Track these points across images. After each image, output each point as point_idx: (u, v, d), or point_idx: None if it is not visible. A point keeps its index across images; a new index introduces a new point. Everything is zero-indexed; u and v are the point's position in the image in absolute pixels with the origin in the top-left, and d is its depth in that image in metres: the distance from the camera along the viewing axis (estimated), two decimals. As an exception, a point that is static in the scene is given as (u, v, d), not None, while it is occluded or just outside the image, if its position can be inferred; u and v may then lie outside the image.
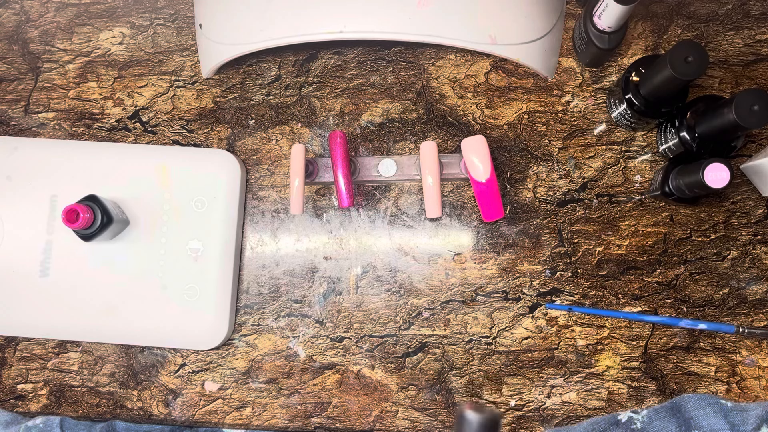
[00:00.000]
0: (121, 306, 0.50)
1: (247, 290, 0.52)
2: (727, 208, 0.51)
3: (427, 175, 0.46)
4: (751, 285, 0.50)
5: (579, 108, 0.52)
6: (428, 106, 0.53)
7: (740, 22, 0.53)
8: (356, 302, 0.51)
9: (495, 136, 0.52)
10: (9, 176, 0.51)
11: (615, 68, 0.53)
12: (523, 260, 0.51)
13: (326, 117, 0.53)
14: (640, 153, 0.52)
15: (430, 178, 0.46)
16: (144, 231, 0.50)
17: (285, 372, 0.51)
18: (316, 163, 0.49)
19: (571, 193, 0.52)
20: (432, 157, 0.46)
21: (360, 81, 0.53)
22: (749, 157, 0.51)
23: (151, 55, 0.55)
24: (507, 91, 0.53)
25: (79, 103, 0.54)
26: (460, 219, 0.52)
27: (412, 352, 0.51)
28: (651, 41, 0.53)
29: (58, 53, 0.55)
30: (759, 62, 0.52)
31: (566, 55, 0.53)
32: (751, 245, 0.51)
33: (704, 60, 0.41)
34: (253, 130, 0.53)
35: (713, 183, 0.42)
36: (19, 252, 0.50)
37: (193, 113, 0.54)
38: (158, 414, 0.51)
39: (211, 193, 0.50)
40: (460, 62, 0.53)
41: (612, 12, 0.44)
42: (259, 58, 0.54)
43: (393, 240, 0.52)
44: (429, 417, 0.50)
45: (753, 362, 0.50)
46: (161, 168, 0.51)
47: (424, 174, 0.46)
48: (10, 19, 0.56)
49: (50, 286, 0.50)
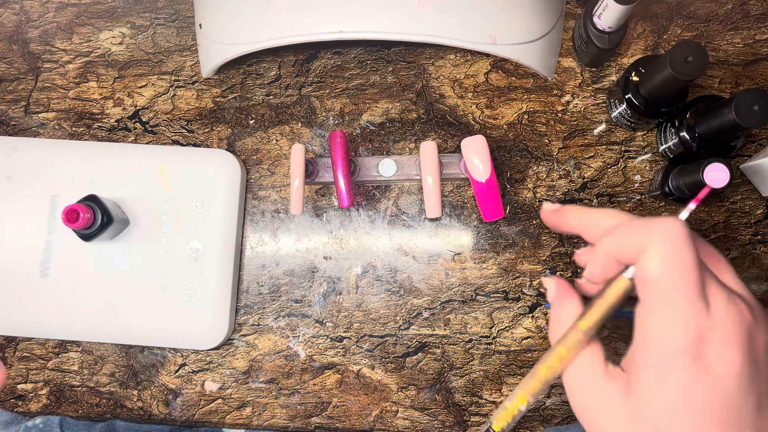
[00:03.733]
0: (121, 306, 0.50)
1: (247, 290, 0.52)
2: (727, 208, 0.51)
3: (427, 175, 0.46)
4: (751, 285, 0.50)
5: (579, 108, 0.52)
6: (428, 106, 0.53)
7: (740, 22, 0.53)
8: (356, 302, 0.51)
9: (495, 136, 0.52)
10: (9, 176, 0.51)
11: (615, 68, 0.53)
12: (523, 260, 0.51)
13: (326, 117, 0.53)
14: (640, 153, 0.52)
15: (430, 178, 0.46)
16: (144, 231, 0.50)
17: (285, 372, 0.51)
18: (316, 163, 0.49)
19: (571, 193, 0.52)
20: (432, 157, 0.46)
21: (360, 81, 0.53)
22: (749, 157, 0.51)
23: (151, 55, 0.55)
24: (507, 91, 0.53)
25: (79, 103, 0.54)
26: (460, 219, 0.52)
27: (412, 352, 0.51)
28: (651, 41, 0.53)
29: (58, 53, 0.55)
30: (759, 62, 0.52)
31: (566, 55, 0.53)
32: (751, 245, 0.51)
33: (704, 60, 0.41)
34: (253, 130, 0.53)
35: (713, 183, 0.42)
36: (19, 252, 0.50)
37: (193, 113, 0.54)
38: (158, 414, 0.51)
39: (212, 193, 0.50)
40: (460, 62, 0.53)
41: (612, 12, 0.44)
42: (259, 58, 0.54)
43: (393, 240, 0.52)
44: (429, 417, 0.50)
45: (753, 362, 0.50)
46: (161, 168, 0.51)
47: (424, 174, 0.46)
48: (10, 19, 0.56)
49: (50, 286, 0.50)
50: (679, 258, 0.30)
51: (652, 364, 0.31)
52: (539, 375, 0.36)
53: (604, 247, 0.33)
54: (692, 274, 0.30)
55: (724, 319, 0.30)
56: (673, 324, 0.30)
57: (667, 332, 0.30)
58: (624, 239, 0.32)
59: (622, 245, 0.32)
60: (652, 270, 0.30)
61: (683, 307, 0.30)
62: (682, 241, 0.30)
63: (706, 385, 0.30)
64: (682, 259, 0.30)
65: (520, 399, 0.37)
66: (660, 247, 0.30)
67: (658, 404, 0.31)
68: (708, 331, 0.30)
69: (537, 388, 0.37)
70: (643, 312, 0.31)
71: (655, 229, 0.31)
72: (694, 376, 0.30)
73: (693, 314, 0.30)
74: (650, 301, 0.31)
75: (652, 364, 0.31)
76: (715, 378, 0.30)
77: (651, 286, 0.30)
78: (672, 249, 0.30)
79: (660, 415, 0.31)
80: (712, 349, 0.30)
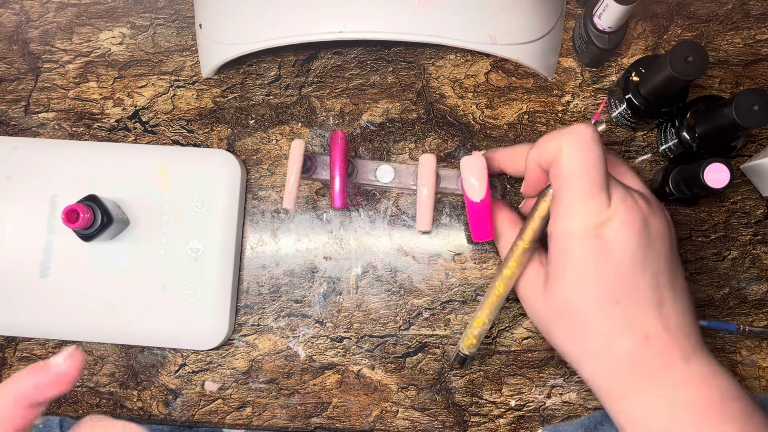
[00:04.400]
0: (121, 306, 0.50)
1: (247, 290, 0.52)
2: (727, 209, 0.51)
3: (423, 186, 0.46)
4: (751, 285, 0.50)
5: (579, 108, 0.52)
6: (428, 106, 0.53)
7: (740, 22, 0.53)
8: (356, 302, 0.51)
9: (495, 136, 0.52)
10: (9, 176, 0.51)
11: (615, 68, 0.53)
12: (523, 260, 0.51)
13: (326, 117, 0.53)
14: (640, 153, 0.52)
15: (426, 190, 0.46)
16: (144, 231, 0.50)
17: (285, 372, 0.51)
18: (315, 159, 0.48)
19: (571, 193, 0.52)
20: (430, 170, 0.46)
21: (360, 81, 0.53)
22: (749, 157, 0.51)
23: (151, 55, 0.55)
24: (507, 91, 0.53)
25: (79, 103, 0.54)
26: (460, 219, 0.52)
27: (412, 352, 0.51)
28: (651, 41, 0.53)
29: (58, 53, 0.55)
30: (759, 62, 0.52)
31: (566, 55, 0.53)
32: (751, 245, 0.51)
33: (704, 60, 0.41)
34: (253, 130, 0.53)
35: (713, 183, 0.42)
36: (19, 252, 0.50)
37: (193, 113, 0.54)
38: (158, 414, 0.51)
39: (212, 193, 0.50)
40: (460, 62, 0.53)
41: (612, 12, 0.44)
42: (259, 58, 0.54)
43: (393, 240, 0.52)
44: (429, 417, 0.50)
45: (753, 362, 0.50)
46: (161, 168, 0.51)
47: (420, 186, 0.46)
48: (10, 19, 0.56)
49: (50, 287, 0.50)
50: (587, 153, 0.34)
51: (557, 248, 0.36)
52: (496, 290, 0.42)
53: (530, 158, 0.38)
54: (598, 167, 0.34)
55: (622, 207, 0.35)
56: (576, 209, 0.35)
57: (570, 217, 0.35)
58: (543, 146, 0.37)
59: (542, 151, 0.37)
60: (565, 165, 0.35)
61: (586, 195, 0.34)
62: (589, 141, 0.35)
63: (602, 261, 0.35)
64: (589, 154, 0.34)
65: (482, 317, 0.43)
66: (571, 146, 0.35)
67: (562, 281, 0.36)
68: (607, 219, 0.34)
69: (495, 303, 0.43)
70: (553, 204, 0.36)
71: (567, 132, 0.36)
72: (592, 253, 0.34)
73: (595, 202, 0.34)
74: (559, 191, 0.35)
75: (557, 248, 0.36)
76: (611, 255, 0.34)
77: (561, 179, 0.35)
78: (581, 146, 0.35)
79: (564, 290, 0.36)
80: (609, 230, 0.34)
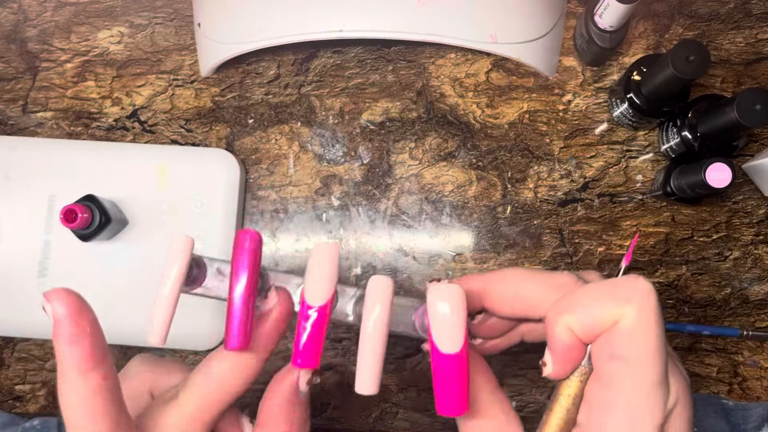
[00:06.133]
0: (120, 306, 0.50)
1: (247, 290, 0.52)
2: (729, 208, 0.51)
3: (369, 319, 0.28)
4: (753, 285, 0.50)
5: (580, 107, 0.52)
6: (428, 106, 0.53)
7: (742, 21, 0.52)
8: (356, 302, 0.51)
9: (496, 136, 0.52)
10: (7, 176, 0.51)
11: (616, 67, 0.52)
12: (524, 260, 0.51)
13: (326, 116, 0.53)
14: (642, 152, 0.52)
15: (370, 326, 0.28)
16: (143, 231, 0.50)
17: (284, 373, 0.51)
18: (204, 266, 0.30)
19: (572, 193, 0.51)
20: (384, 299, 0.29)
21: (360, 80, 0.53)
22: (751, 156, 0.51)
23: (150, 54, 0.54)
24: (508, 90, 0.53)
25: (77, 103, 0.54)
26: (461, 219, 0.52)
27: (412, 353, 0.51)
28: (652, 40, 0.53)
29: (56, 52, 0.55)
30: (761, 61, 0.52)
31: (567, 54, 0.53)
32: (753, 245, 0.50)
33: (706, 59, 0.40)
34: (252, 130, 0.53)
35: (715, 183, 0.42)
36: (17, 252, 0.50)
37: (192, 112, 0.54)
38: (157, 415, 0.51)
39: (210, 193, 0.50)
40: (461, 61, 0.53)
41: (613, 11, 0.44)
42: (258, 57, 0.54)
43: (393, 240, 0.52)
44: (429, 418, 0.50)
45: (755, 363, 0.50)
46: (160, 167, 0.51)
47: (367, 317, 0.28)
48: (8, 18, 0.55)
49: (49, 287, 0.50)
50: (658, 326, 0.25)
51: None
52: None
53: (561, 325, 0.26)
54: (664, 342, 0.25)
55: (681, 388, 0.26)
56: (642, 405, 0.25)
57: (637, 415, 0.25)
58: (588, 310, 0.25)
59: (588, 317, 0.25)
60: (635, 344, 0.25)
61: (656, 383, 0.25)
62: (656, 306, 0.25)
63: None
64: (659, 327, 0.25)
65: None
66: (641, 316, 0.24)
67: None
68: (670, 413, 0.26)
69: None
70: (601, 389, 0.26)
71: (627, 293, 0.25)
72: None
73: (662, 393, 0.26)
74: (618, 377, 0.25)
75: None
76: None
77: (624, 363, 0.25)
78: (651, 316, 0.25)
79: None
80: (674, 425, 0.26)
